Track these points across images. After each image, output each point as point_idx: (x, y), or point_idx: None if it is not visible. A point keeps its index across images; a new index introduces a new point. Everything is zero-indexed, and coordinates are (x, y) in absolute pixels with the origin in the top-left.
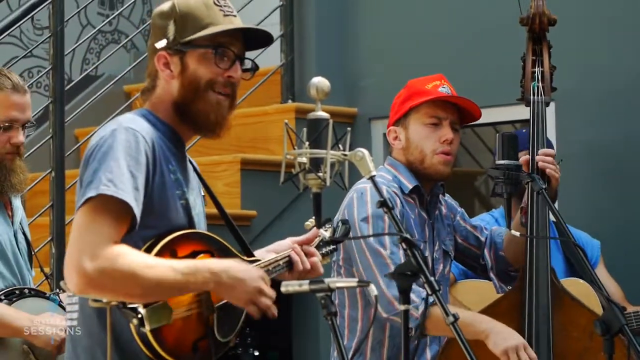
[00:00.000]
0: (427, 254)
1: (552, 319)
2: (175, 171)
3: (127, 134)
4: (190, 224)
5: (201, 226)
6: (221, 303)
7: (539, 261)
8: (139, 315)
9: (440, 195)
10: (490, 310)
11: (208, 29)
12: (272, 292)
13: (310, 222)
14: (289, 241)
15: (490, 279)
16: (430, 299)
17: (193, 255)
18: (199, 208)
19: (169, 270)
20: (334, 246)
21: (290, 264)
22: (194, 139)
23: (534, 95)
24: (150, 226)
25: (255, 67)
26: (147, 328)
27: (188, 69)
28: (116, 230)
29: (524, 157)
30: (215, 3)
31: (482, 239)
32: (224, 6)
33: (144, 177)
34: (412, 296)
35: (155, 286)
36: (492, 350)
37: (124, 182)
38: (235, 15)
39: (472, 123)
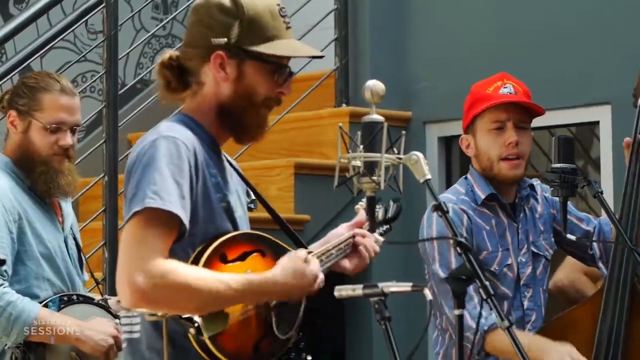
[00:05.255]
0: (509, 260)
1: (629, 326)
2: (215, 175)
3: (168, 142)
4: (234, 226)
5: (244, 229)
6: (277, 301)
7: (622, 267)
8: (196, 324)
9: (537, 194)
10: (568, 317)
11: (273, 43)
12: (322, 279)
13: (360, 204)
14: (341, 228)
15: (600, 269)
16: (492, 322)
17: (243, 256)
18: (240, 211)
19: (222, 285)
20: (388, 226)
21: (350, 246)
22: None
23: None
24: (197, 234)
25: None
26: (205, 336)
27: (245, 78)
28: (165, 242)
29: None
30: (280, 13)
31: (589, 228)
32: (286, 16)
33: (189, 184)
34: (468, 319)
35: (212, 300)
36: None
37: (170, 193)
38: (291, 27)
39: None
